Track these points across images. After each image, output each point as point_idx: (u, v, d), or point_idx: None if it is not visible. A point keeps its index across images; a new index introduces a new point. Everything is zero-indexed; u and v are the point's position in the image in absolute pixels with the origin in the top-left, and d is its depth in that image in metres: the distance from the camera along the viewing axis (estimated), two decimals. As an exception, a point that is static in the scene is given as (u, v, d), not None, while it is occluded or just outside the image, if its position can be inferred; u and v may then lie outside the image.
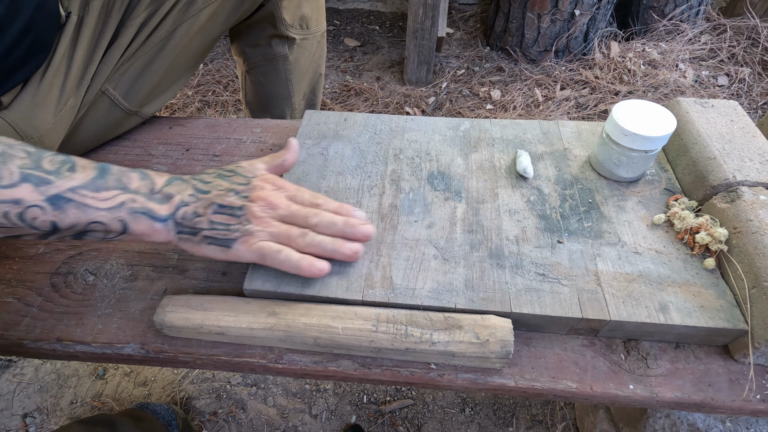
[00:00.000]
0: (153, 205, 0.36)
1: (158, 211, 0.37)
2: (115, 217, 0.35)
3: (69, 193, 0.33)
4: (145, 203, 0.36)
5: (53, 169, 0.33)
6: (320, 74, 0.85)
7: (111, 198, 0.34)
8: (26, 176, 0.31)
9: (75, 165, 0.34)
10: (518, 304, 0.38)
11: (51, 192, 0.32)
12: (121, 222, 0.35)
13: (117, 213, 0.35)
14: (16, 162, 0.31)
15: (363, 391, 0.89)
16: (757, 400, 0.36)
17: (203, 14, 0.56)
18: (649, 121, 0.43)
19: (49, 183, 0.32)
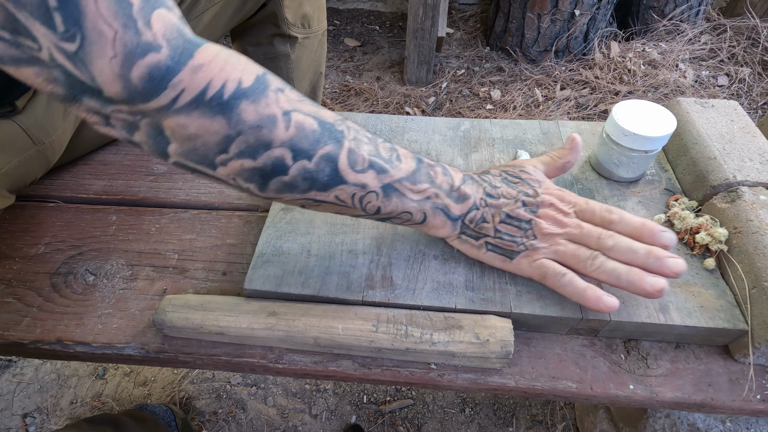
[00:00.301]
0: (450, 203, 0.37)
1: (453, 210, 0.37)
2: (421, 209, 0.36)
3: (397, 183, 0.34)
4: (444, 200, 0.37)
5: (387, 157, 0.34)
6: (321, 73, 0.85)
7: (423, 191, 0.36)
8: (372, 163, 0.33)
9: (399, 155, 0.35)
10: (518, 304, 0.38)
11: (386, 181, 0.33)
12: (424, 214, 0.36)
13: (423, 205, 0.36)
14: (364, 147, 0.33)
15: (363, 391, 0.89)
16: (757, 400, 0.36)
17: (206, 16, 0.56)
18: (649, 121, 0.43)
19: (386, 172, 0.33)
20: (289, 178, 0.31)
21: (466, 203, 0.38)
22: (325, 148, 0.31)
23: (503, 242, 0.38)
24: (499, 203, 0.38)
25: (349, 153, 0.32)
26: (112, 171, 0.55)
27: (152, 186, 0.53)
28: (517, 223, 0.38)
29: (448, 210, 0.37)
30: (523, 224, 0.38)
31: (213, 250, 0.47)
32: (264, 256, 0.42)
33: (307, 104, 0.31)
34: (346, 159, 0.32)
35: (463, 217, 0.38)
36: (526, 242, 0.38)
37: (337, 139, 0.31)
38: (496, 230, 0.38)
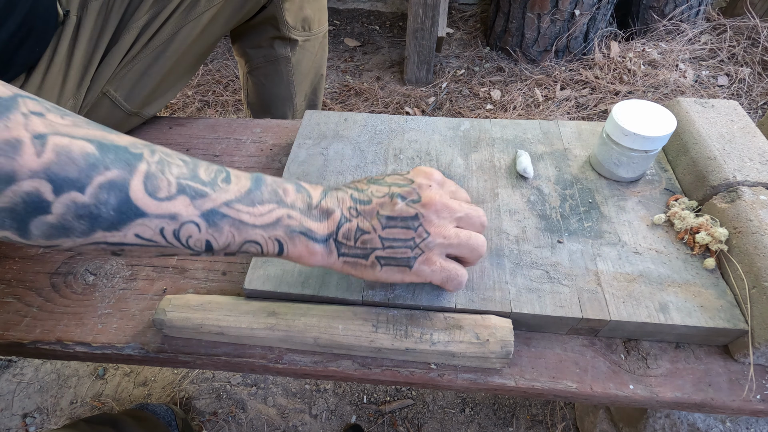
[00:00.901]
0: (311, 224, 0.31)
1: (317, 230, 0.31)
2: (270, 236, 0.30)
3: (224, 207, 0.28)
4: (303, 221, 0.31)
5: (209, 180, 0.28)
6: (321, 74, 0.85)
7: (266, 213, 0.30)
8: (183, 187, 0.27)
9: (229, 175, 0.30)
10: (518, 304, 0.38)
11: (207, 206, 0.28)
12: (277, 242, 0.31)
13: (273, 231, 0.30)
14: (173, 170, 0.27)
15: (363, 391, 0.89)
16: (757, 400, 0.36)
17: (205, 17, 0.56)
18: (649, 121, 0.43)
19: (205, 196, 0.28)
20: (56, 218, 0.24)
21: (332, 219, 0.32)
22: (105, 175, 0.24)
23: (395, 251, 0.32)
24: (372, 207, 0.32)
25: (147, 178, 0.26)
26: (112, 171, 0.55)
27: (152, 186, 0.53)
28: (403, 223, 0.32)
29: (311, 233, 0.31)
30: (410, 222, 0.32)
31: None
32: (264, 256, 0.42)
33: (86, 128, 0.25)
34: (141, 185, 0.26)
35: (333, 235, 0.32)
36: (421, 243, 0.32)
37: (128, 163, 0.25)
38: (382, 239, 0.32)
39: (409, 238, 0.32)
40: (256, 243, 0.30)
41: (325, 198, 0.33)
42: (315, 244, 0.32)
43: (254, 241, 0.30)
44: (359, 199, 0.33)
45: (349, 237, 0.32)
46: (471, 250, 0.34)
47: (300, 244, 0.31)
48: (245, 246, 0.30)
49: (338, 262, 0.33)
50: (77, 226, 0.25)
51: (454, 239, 0.33)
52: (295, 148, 0.52)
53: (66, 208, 0.24)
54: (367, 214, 0.32)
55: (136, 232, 0.26)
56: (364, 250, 0.32)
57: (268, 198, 0.30)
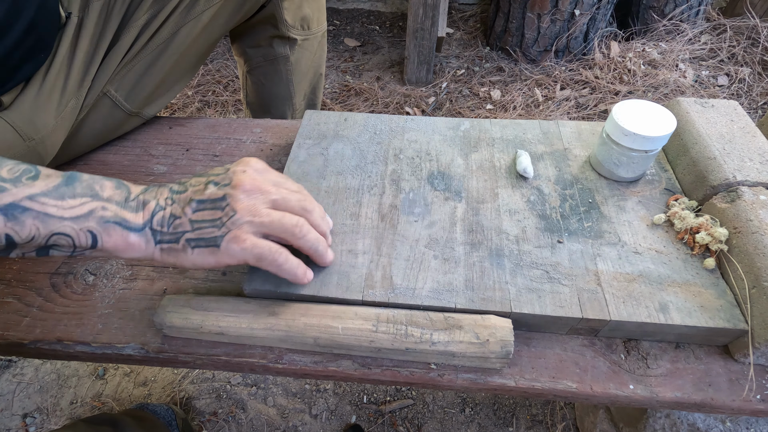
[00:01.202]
0: (127, 214, 0.32)
1: (133, 220, 0.32)
2: (82, 227, 0.30)
3: (26, 201, 0.28)
4: (118, 212, 0.31)
5: (11, 178, 0.29)
6: (321, 74, 0.85)
7: (77, 206, 0.30)
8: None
9: (38, 174, 0.30)
10: (518, 304, 0.38)
11: (4, 200, 0.28)
12: (90, 234, 0.30)
13: (85, 223, 0.30)
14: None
15: (363, 391, 0.89)
16: (757, 400, 0.36)
17: (204, 16, 0.56)
18: (649, 121, 0.43)
19: (3, 190, 0.28)
20: None
21: (147, 208, 0.33)
22: None
23: (203, 231, 0.33)
24: (186, 195, 0.34)
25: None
26: (112, 171, 0.55)
27: (152, 186, 0.53)
28: (212, 205, 0.33)
29: (126, 222, 0.32)
30: (219, 203, 0.33)
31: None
32: (264, 256, 0.41)
33: None
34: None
35: (148, 224, 0.33)
36: (227, 221, 0.33)
37: None
38: (191, 222, 0.33)
39: (216, 218, 0.33)
40: (66, 235, 0.30)
41: (144, 192, 0.34)
42: (130, 234, 0.32)
43: (63, 233, 0.30)
44: (176, 190, 0.34)
45: (162, 224, 0.33)
46: (284, 229, 0.34)
47: (115, 234, 0.31)
48: (53, 238, 0.30)
49: (156, 250, 0.33)
50: None
51: (265, 218, 0.33)
52: (295, 148, 0.52)
53: None
54: (181, 201, 0.34)
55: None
56: (175, 234, 0.33)
57: (81, 192, 0.30)
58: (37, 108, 0.47)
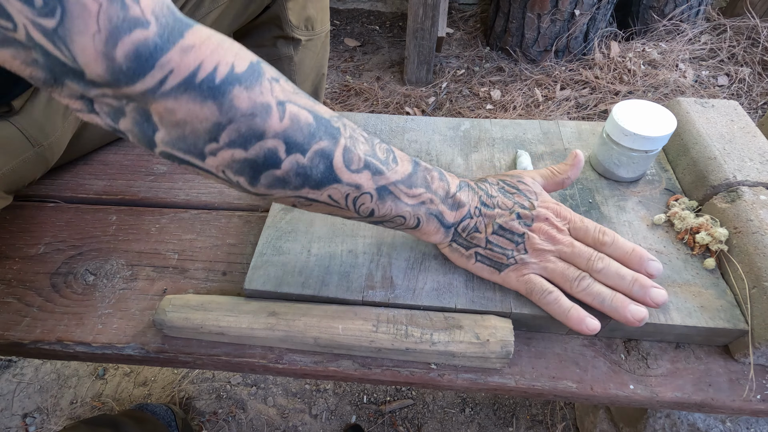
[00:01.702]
0: (445, 210, 0.36)
1: (447, 217, 0.37)
2: (415, 214, 0.35)
3: (392, 186, 0.33)
4: (439, 206, 0.36)
5: (384, 158, 0.33)
6: (323, 74, 0.85)
7: (418, 195, 0.35)
8: (368, 163, 0.32)
9: (396, 156, 0.34)
10: (518, 304, 0.38)
11: (381, 183, 0.33)
12: (417, 219, 0.36)
13: (418, 210, 0.35)
14: (360, 147, 0.32)
15: (363, 391, 0.89)
16: (757, 400, 0.36)
17: (209, 18, 0.56)
18: (649, 121, 0.43)
19: (382, 173, 0.32)
20: (282, 173, 0.29)
21: (460, 211, 0.37)
22: (320, 144, 0.29)
23: (493, 254, 0.37)
24: (493, 213, 0.37)
25: (345, 151, 0.31)
26: (113, 171, 0.55)
27: (152, 186, 0.53)
28: (509, 236, 0.37)
29: (443, 217, 0.36)
30: (516, 237, 0.37)
31: (213, 250, 0.47)
32: (264, 256, 0.41)
33: (303, 97, 0.30)
34: (341, 157, 0.30)
35: (456, 224, 0.37)
36: (517, 256, 0.37)
37: (333, 136, 0.30)
38: (488, 241, 0.37)
39: (509, 249, 0.37)
40: (403, 217, 0.35)
41: (460, 191, 0.37)
42: (441, 227, 0.37)
43: (402, 216, 0.35)
44: (486, 204, 0.38)
45: (465, 230, 0.37)
46: (564, 279, 0.36)
47: (432, 224, 0.36)
48: (395, 218, 0.35)
49: (446, 243, 0.38)
50: (294, 181, 0.30)
51: (549, 264, 0.37)
52: (295, 148, 0.52)
53: (291, 165, 0.29)
54: (487, 218, 0.37)
55: (330, 194, 0.31)
56: (469, 244, 0.38)
57: (420, 183, 0.35)
58: (46, 113, 0.47)
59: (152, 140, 0.27)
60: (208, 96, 0.25)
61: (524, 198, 0.39)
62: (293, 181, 0.30)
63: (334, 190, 0.31)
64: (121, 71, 0.23)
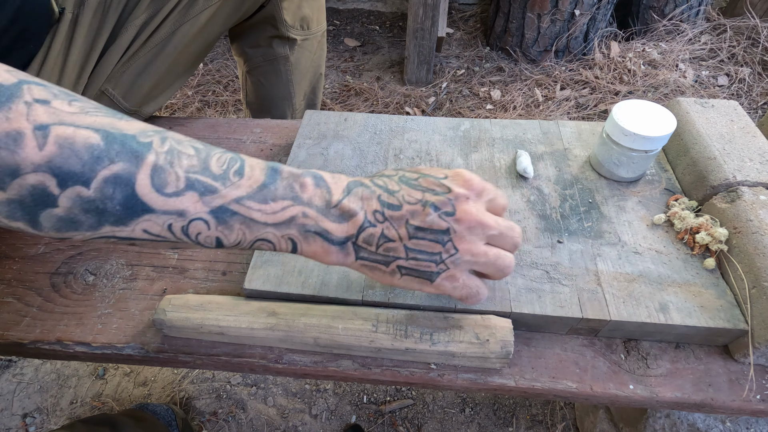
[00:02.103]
0: (328, 225, 0.29)
1: (334, 232, 0.30)
2: (284, 235, 0.29)
3: (234, 204, 0.27)
4: (319, 221, 0.29)
5: (220, 173, 0.27)
6: (320, 74, 0.85)
7: (279, 211, 0.28)
8: (192, 182, 0.26)
9: (243, 166, 0.28)
10: (518, 304, 0.38)
11: (215, 203, 0.27)
12: (291, 241, 0.29)
13: (286, 230, 0.29)
14: (183, 162, 0.26)
15: (363, 391, 0.89)
16: (757, 400, 0.36)
17: (203, 15, 0.56)
18: (649, 121, 0.43)
19: (215, 192, 0.27)
20: (63, 211, 0.24)
21: (352, 222, 0.30)
22: (111, 169, 0.24)
23: (419, 263, 0.31)
24: (401, 213, 0.30)
25: (154, 171, 0.25)
26: (112, 171, 0.55)
27: (152, 186, 0.53)
28: (432, 236, 0.30)
29: (327, 233, 0.29)
30: (440, 236, 0.30)
31: (213, 250, 0.47)
32: (264, 255, 0.41)
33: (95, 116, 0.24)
34: (147, 180, 0.25)
35: (352, 238, 0.30)
36: (447, 259, 0.31)
37: (136, 155, 0.25)
38: (407, 249, 0.30)
39: (435, 252, 0.30)
40: (268, 241, 0.29)
41: (348, 197, 0.30)
42: (331, 246, 0.30)
43: (266, 239, 0.29)
44: (388, 203, 0.30)
45: (370, 242, 0.30)
46: (498, 270, 0.32)
47: (314, 243, 0.30)
48: (256, 243, 0.29)
49: (356, 263, 0.32)
50: (84, 220, 0.25)
51: (482, 257, 0.31)
52: (295, 148, 0.52)
53: (72, 202, 0.24)
54: (395, 220, 0.30)
55: (144, 228, 0.26)
56: (386, 258, 0.31)
57: (282, 194, 0.29)
58: None
59: None
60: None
61: (433, 181, 0.32)
62: (84, 220, 0.25)
63: (148, 223, 0.26)
64: None
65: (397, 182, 0.32)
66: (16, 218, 0.24)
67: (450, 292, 0.32)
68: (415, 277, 0.31)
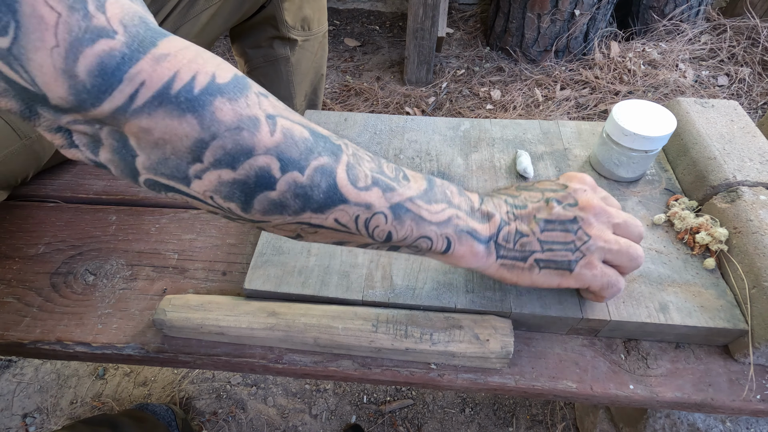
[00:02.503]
0: (476, 225, 0.32)
1: (481, 231, 0.32)
2: (442, 233, 0.31)
3: (408, 202, 0.29)
4: (468, 221, 0.32)
5: (393, 176, 0.30)
6: (321, 74, 0.85)
7: (441, 211, 0.31)
8: (376, 180, 0.28)
9: (406, 174, 0.31)
10: (518, 304, 0.38)
11: (395, 200, 0.29)
12: (447, 240, 0.31)
13: (445, 229, 0.31)
14: (365, 164, 0.29)
15: (363, 391, 0.89)
16: (757, 400, 0.36)
17: (204, 15, 0.57)
18: (649, 121, 0.43)
19: (393, 190, 0.29)
20: (278, 194, 0.26)
21: (493, 221, 0.32)
22: (319, 160, 0.26)
23: (555, 254, 0.32)
24: (528, 211, 0.33)
25: (349, 168, 0.28)
26: (112, 171, 0.55)
27: (152, 186, 0.53)
28: (561, 227, 0.32)
29: (476, 232, 0.32)
30: (569, 225, 0.32)
31: (213, 250, 0.47)
32: (264, 256, 0.42)
33: (296, 114, 0.27)
34: (345, 174, 0.27)
35: (494, 237, 0.32)
36: (582, 246, 0.32)
37: (334, 152, 0.27)
38: (542, 242, 0.32)
39: (569, 241, 0.32)
40: (429, 238, 0.31)
41: (484, 202, 0.33)
42: (479, 245, 0.32)
43: (428, 237, 0.31)
44: (515, 204, 0.33)
45: (508, 239, 0.32)
46: (630, 258, 0.33)
47: (466, 243, 0.32)
48: (419, 241, 0.31)
49: (495, 264, 0.33)
50: (292, 204, 0.27)
51: (614, 245, 0.32)
52: (295, 148, 0.52)
53: (288, 186, 0.26)
54: (524, 218, 0.33)
55: (336, 217, 0.28)
56: (523, 253, 0.33)
57: (440, 198, 0.31)
58: None
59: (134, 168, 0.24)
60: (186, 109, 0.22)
61: (547, 183, 0.34)
62: (292, 204, 0.27)
63: (340, 213, 0.28)
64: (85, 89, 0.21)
65: (516, 189, 0.35)
66: (232, 198, 0.26)
67: (590, 282, 0.33)
68: (554, 270, 0.33)
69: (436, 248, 0.31)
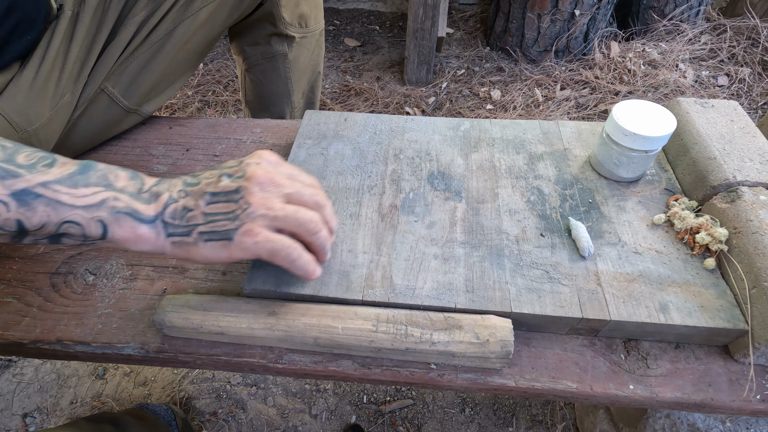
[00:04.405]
0: (139, 205, 0.32)
1: (144, 211, 0.32)
2: (93, 217, 0.30)
3: (39, 188, 0.29)
4: (130, 202, 0.31)
5: (27, 164, 0.29)
6: (319, 72, 0.85)
7: (90, 195, 0.30)
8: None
9: (55, 161, 0.30)
10: (518, 304, 0.38)
11: (18, 186, 0.28)
12: (101, 223, 0.30)
13: (96, 212, 0.30)
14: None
15: (363, 391, 0.89)
16: (757, 400, 0.36)
17: (202, 13, 0.57)
18: (649, 121, 0.43)
19: (18, 176, 0.28)
20: None
21: (159, 200, 0.32)
22: None
23: (217, 224, 0.32)
24: (199, 187, 0.33)
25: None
26: (112, 171, 0.55)
27: (152, 186, 0.53)
28: (225, 197, 0.32)
29: (137, 213, 0.31)
30: (233, 195, 0.32)
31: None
32: (264, 256, 0.41)
33: None
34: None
35: (160, 216, 0.32)
36: (241, 214, 0.32)
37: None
38: (205, 214, 0.32)
39: (230, 211, 0.32)
40: (77, 224, 0.30)
41: (158, 184, 0.33)
42: (141, 226, 0.32)
43: (74, 222, 0.30)
44: (189, 182, 0.34)
45: (175, 216, 0.32)
46: (299, 223, 0.33)
47: (125, 225, 0.31)
48: (64, 227, 0.30)
49: (167, 243, 0.33)
50: None
51: (279, 211, 0.32)
52: (295, 148, 0.52)
53: None
54: (194, 193, 0.33)
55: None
56: (188, 227, 0.32)
57: (95, 182, 0.30)
58: (30, 99, 0.46)
59: None
60: None
61: (231, 161, 0.35)
62: None
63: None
64: None
65: (203, 170, 0.36)
66: None
67: (256, 250, 0.32)
68: (217, 241, 0.32)
69: (90, 233, 0.31)
